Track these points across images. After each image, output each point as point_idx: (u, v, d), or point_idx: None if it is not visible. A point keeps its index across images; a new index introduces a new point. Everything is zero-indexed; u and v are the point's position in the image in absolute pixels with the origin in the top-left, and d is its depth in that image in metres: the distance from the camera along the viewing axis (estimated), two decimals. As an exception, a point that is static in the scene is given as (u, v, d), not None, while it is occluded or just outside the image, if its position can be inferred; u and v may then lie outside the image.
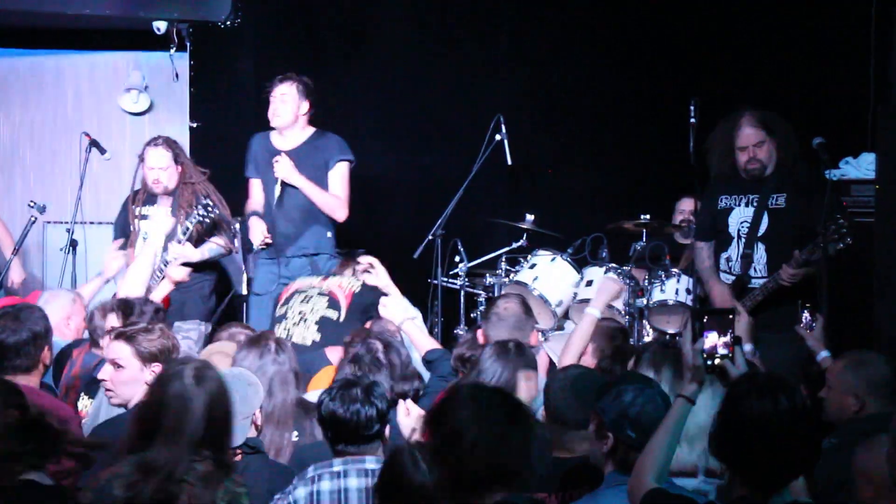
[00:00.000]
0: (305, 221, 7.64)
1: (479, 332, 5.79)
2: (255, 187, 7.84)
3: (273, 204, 7.67)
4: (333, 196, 7.63)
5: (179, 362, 4.06)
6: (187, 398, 3.81)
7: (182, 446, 3.77)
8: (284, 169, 7.55)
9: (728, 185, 7.00)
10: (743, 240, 6.87)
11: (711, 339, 3.69)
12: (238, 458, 4.33)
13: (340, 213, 7.64)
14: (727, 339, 3.68)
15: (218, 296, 7.89)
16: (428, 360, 5.81)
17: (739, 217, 6.91)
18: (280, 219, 7.65)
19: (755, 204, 6.87)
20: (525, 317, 5.66)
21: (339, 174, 7.65)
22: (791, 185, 6.83)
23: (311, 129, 7.77)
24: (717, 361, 3.67)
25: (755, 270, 6.82)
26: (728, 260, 6.98)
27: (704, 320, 3.71)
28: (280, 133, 7.76)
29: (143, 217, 7.59)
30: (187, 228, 7.17)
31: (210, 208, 7.17)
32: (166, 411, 3.82)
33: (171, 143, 7.61)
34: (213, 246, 7.54)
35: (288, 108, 7.66)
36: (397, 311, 6.01)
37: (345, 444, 4.24)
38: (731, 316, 3.74)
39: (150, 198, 7.60)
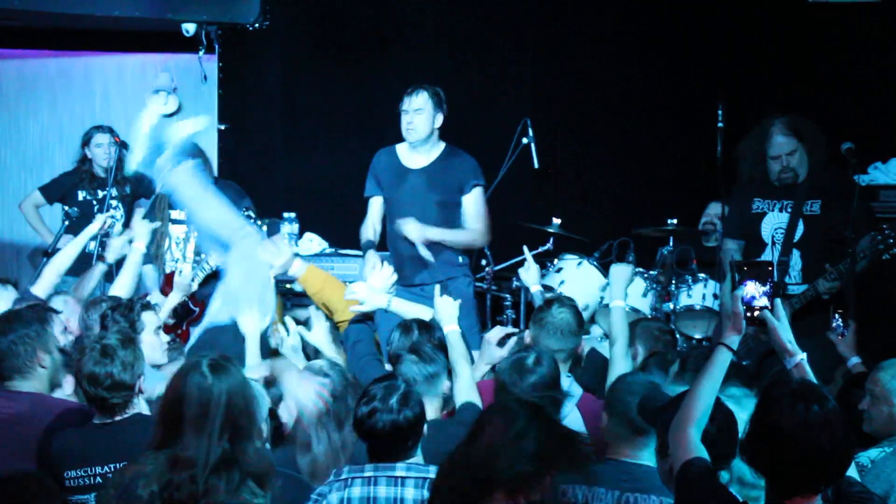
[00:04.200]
0: (436, 245, 7.10)
1: (527, 334, 5.71)
2: (374, 206, 7.39)
3: (402, 226, 7.19)
4: (471, 231, 7.13)
5: (197, 356, 4.06)
6: (206, 388, 3.83)
7: (208, 436, 3.78)
8: (415, 232, 7.01)
9: (761, 189, 6.96)
10: (778, 246, 6.82)
11: (750, 287, 3.70)
12: None
13: (481, 241, 7.23)
14: (766, 288, 3.70)
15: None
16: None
17: (773, 223, 6.87)
18: (406, 243, 7.14)
19: (790, 210, 6.83)
20: (577, 327, 5.56)
21: (475, 199, 7.14)
22: (824, 191, 6.80)
23: (442, 145, 7.27)
24: (756, 313, 3.69)
25: (790, 277, 6.79)
26: None
27: (744, 269, 3.73)
28: (410, 148, 7.27)
29: (172, 221, 7.60)
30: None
31: (252, 219, 7.12)
32: (188, 403, 3.83)
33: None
34: None
35: (424, 120, 7.15)
36: (376, 300, 5.99)
37: (383, 449, 4.16)
38: (769, 267, 3.75)
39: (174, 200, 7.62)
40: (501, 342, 5.70)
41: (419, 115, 7.13)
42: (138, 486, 3.77)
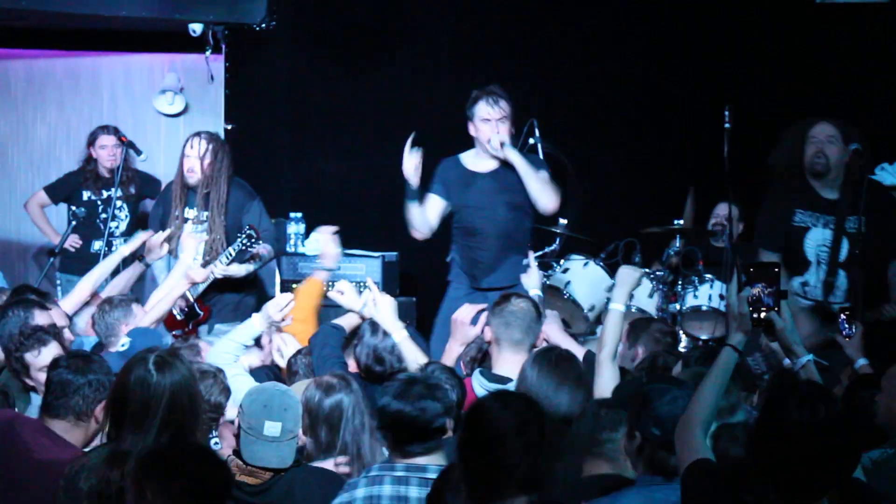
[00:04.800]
0: (504, 252, 7.02)
1: (487, 329, 5.62)
2: (432, 201, 7.09)
3: (470, 230, 7.10)
4: (548, 182, 6.93)
5: (145, 351, 4.05)
6: (148, 384, 3.82)
7: (145, 433, 3.77)
8: (497, 139, 6.85)
9: (802, 200, 6.85)
10: (824, 266, 6.73)
11: (757, 289, 3.71)
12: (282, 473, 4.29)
13: (553, 197, 6.93)
14: (773, 290, 3.70)
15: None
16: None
17: (817, 240, 6.79)
18: (477, 248, 7.08)
19: (832, 227, 6.73)
20: (537, 317, 5.54)
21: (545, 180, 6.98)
22: (867, 210, 6.63)
23: None
24: (763, 315, 3.69)
25: (835, 296, 6.68)
26: (804, 284, 6.80)
27: (750, 271, 3.74)
28: (476, 155, 7.07)
29: (184, 219, 7.56)
30: (230, 254, 7.15)
31: (253, 239, 7.11)
32: (129, 399, 3.83)
33: (213, 138, 7.59)
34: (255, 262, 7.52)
35: (508, 129, 6.95)
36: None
37: (411, 444, 4.09)
38: (776, 269, 3.75)
39: (190, 198, 7.60)
40: (473, 319, 5.70)
41: (504, 124, 6.95)
42: (80, 478, 3.78)
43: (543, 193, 6.89)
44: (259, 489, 4.21)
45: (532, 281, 6.44)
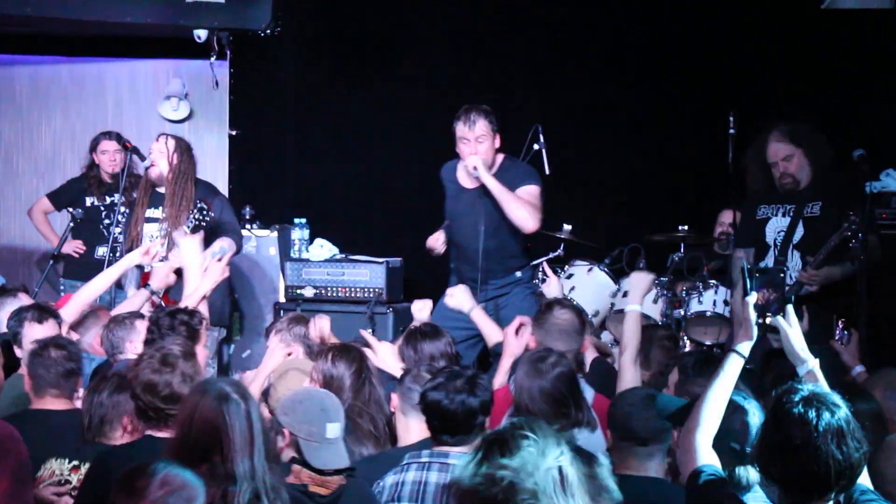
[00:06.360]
0: (488, 268, 7.13)
1: (532, 339, 5.71)
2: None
3: (455, 244, 7.28)
4: (525, 203, 7.02)
5: (211, 382, 3.89)
6: (245, 412, 3.74)
7: (254, 459, 3.71)
8: (473, 162, 6.98)
9: (767, 196, 7.05)
10: (778, 248, 6.87)
11: (762, 294, 3.69)
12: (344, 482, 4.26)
13: (532, 219, 7.05)
14: (778, 296, 3.68)
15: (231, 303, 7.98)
16: (496, 353, 5.98)
17: (776, 227, 6.95)
18: (462, 262, 7.26)
19: (791, 213, 6.91)
20: (580, 327, 5.61)
21: (526, 193, 7.06)
22: (826, 193, 6.84)
23: (500, 159, 7.20)
24: (768, 320, 3.67)
25: (790, 278, 6.80)
26: None
27: (756, 276, 3.72)
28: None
29: (148, 220, 7.60)
30: (185, 231, 7.12)
31: (205, 212, 7.09)
32: (234, 428, 3.71)
33: (180, 140, 7.70)
34: (217, 248, 7.42)
35: (487, 148, 7.05)
36: (464, 299, 6.34)
37: (447, 434, 4.29)
38: (781, 274, 3.75)
39: (154, 198, 7.62)
40: (517, 332, 5.82)
41: (482, 143, 7.03)
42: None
43: (520, 216, 7.02)
44: (330, 499, 4.19)
45: (552, 290, 6.49)
